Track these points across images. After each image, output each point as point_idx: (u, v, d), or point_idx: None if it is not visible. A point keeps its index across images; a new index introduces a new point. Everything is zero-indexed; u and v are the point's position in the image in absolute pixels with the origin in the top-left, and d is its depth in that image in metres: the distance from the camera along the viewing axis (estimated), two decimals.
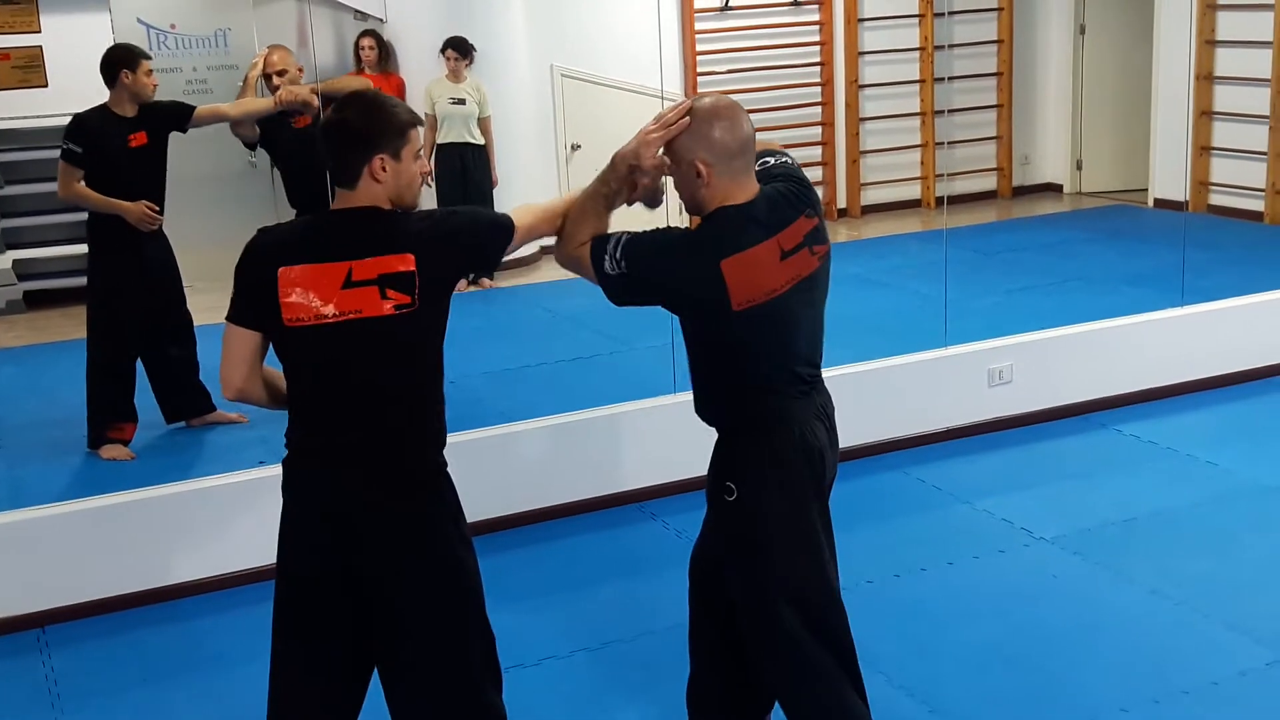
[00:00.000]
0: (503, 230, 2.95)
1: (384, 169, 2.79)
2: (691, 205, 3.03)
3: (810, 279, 3.02)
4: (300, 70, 6.06)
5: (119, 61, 5.58)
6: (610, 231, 3.02)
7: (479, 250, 2.98)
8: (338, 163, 2.82)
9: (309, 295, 2.73)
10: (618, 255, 2.94)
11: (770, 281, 2.94)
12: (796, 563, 3.04)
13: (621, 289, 2.97)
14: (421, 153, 2.91)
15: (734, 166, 2.96)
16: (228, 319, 2.82)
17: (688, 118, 2.95)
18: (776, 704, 3.28)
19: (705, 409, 3.12)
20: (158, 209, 5.68)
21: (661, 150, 2.99)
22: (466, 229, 2.91)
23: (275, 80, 5.97)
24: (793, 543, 3.04)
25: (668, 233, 2.99)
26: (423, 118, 2.89)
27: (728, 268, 2.90)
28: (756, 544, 3.03)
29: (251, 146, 6.09)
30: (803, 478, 3.04)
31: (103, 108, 5.61)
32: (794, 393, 3.04)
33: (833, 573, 3.13)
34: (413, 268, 2.74)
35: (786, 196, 3.03)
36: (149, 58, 5.70)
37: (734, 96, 3.02)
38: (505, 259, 3.06)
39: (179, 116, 5.77)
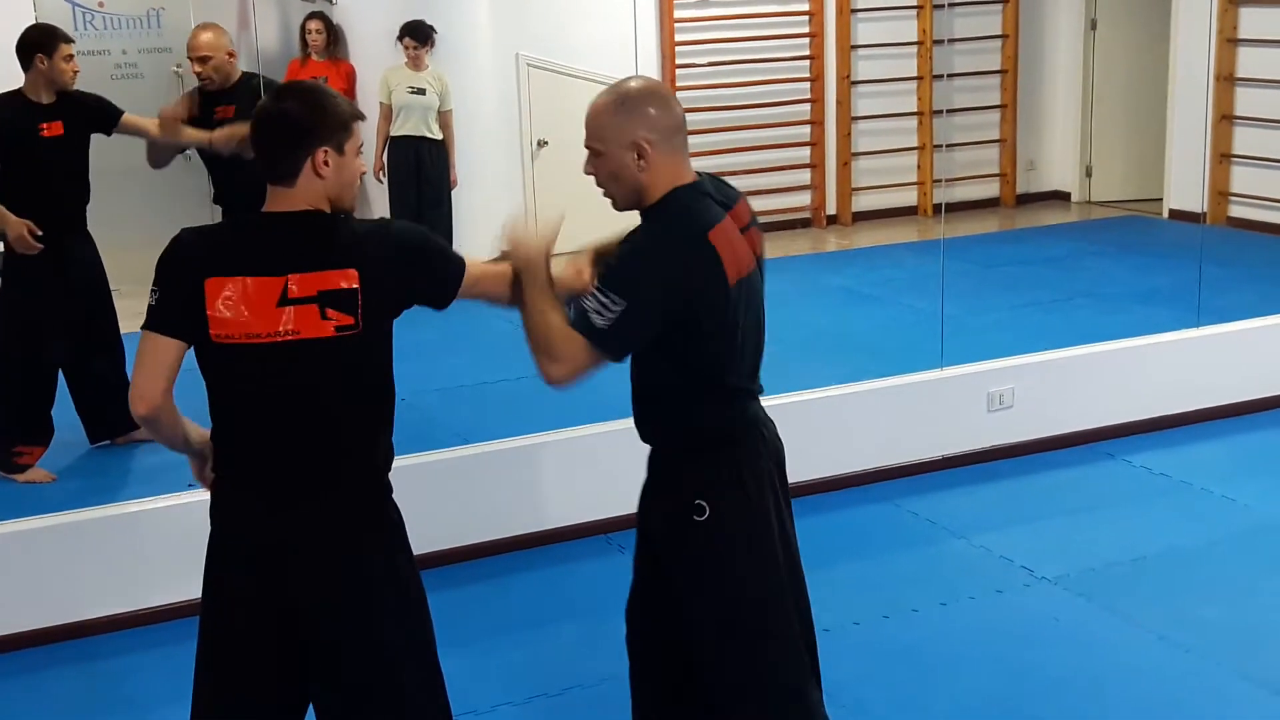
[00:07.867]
0: (455, 263, 2.86)
1: (327, 164, 2.75)
2: (630, 198, 2.96)
3: (760, 261, 3.07)
4: (232, 55, 5.79)
5: (34, 45, 5.53)
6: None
7: (430, 276, 2.85)
8: (275, 156, 2.78)
9: (241, 310, 2.69)
10: (604, 295, 2.81)
11: (744, 258, 2.97)
12: (765, 584, 3.04)
13: (623, 330, 2.82)
14: (362, 150, 2.88)
15: (675, 144, 2.95)
16: (145, 326, 2.75)
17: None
18: None
19: (669, 423, 3.07)
20: (39, 232, 5.48)
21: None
22: (418, 249, 2.82)
23: (196, 68, 5.80)
24: (763, 563, 3.03)
25: (636, 239, 2.94)
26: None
27: (715, 238, 2.89)
28: (733, 566, 3.01)
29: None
30: (774, 486, 3.06)
31: (16, 93, 5.57)
32: (756, 391, 3.08)
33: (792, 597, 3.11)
34: (355, 284, 2.68)
35: (715, 177, 3.09)
36: (71, 41, 5.64)
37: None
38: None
39: (105, 119, 5.70)
